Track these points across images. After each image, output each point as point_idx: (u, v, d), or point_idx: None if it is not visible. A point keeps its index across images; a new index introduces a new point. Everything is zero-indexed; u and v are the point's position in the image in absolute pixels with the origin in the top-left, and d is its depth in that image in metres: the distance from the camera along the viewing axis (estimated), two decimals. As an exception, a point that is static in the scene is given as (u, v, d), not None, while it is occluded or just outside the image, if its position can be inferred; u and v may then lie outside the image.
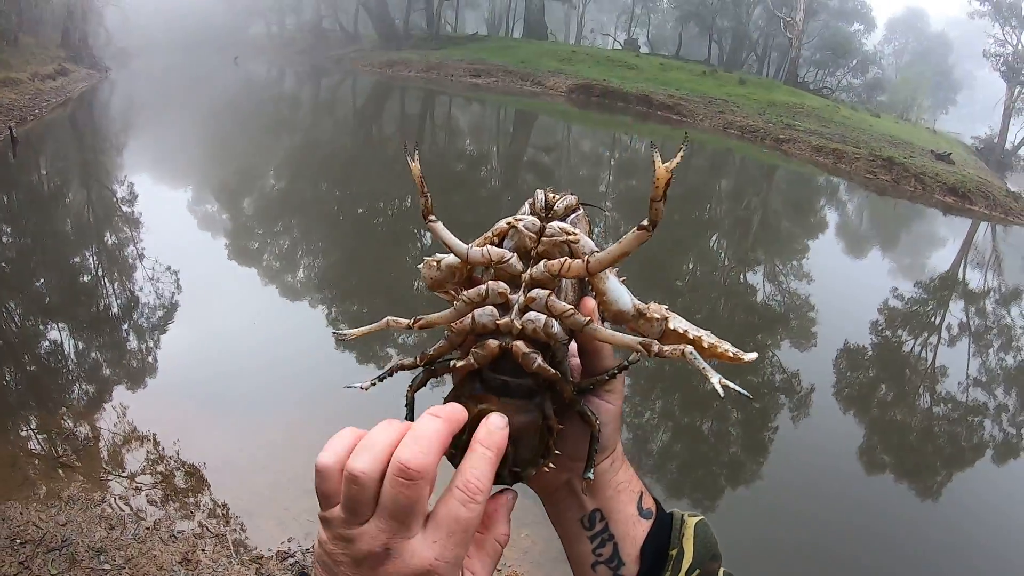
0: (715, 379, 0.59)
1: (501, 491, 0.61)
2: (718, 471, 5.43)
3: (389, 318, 0.71)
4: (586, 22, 57.49)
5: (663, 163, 0.58)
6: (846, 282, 11.66)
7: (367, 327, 0.72)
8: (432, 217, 0.70)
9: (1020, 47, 40.70)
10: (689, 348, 0.60)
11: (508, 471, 0.62)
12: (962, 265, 13.92)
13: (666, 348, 0.61)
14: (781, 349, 7.88)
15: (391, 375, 0.70)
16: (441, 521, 0.51)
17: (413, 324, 0.68)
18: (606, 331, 0.63)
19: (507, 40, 44.25)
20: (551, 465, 0.63)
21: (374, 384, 0.71)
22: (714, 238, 12.68)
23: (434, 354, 0.67)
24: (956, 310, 10.81)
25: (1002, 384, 8.04)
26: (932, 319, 10.13)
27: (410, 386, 0.69)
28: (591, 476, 0.65)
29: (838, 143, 22.73)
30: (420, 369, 0.68)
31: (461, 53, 36.29)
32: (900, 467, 5.91)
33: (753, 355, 0.65)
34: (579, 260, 0.63)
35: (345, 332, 0.75)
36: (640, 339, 0.63)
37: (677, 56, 42.37)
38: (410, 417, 0.68)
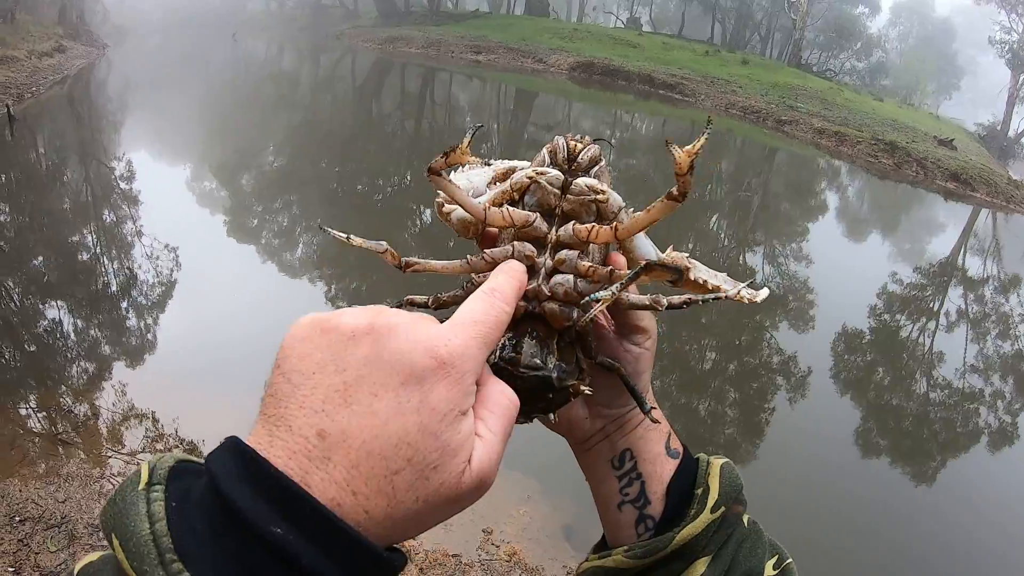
0: (731, 290, 0.63)
1: None
2: (712, 452, 5.46)
3: (389, 248, 0.67)
4: (588, 0, 57.01)
5: (682, 148, 0.58)
6: (845, 265, 11.66)
7: (362, 240, 0.68)
8: (444, 156, 0.61)
9: (1026, 33, 40.42)
10: (698, 295, 0.62)
11: (555, 377, 0.60)
12: (962, 252, 13.92)
13: (675, 299, 0.62)
14: (779, 331, 7.89)
15: (396, 303, 0.63)
16: (458, 316, 0.48)
17: (404, 268, 0.65)
18: (634, 297, 0.63)
19: (508, 17, 43.87)
20: (585, 391, 0.62)
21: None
22: (714, 218, 12.66)
23: (448, 300, 0.64)
24: (955, 296, 10.83)
25: (999, 371, 8.07)
26: (931, 305, 10.15)
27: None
28: (652, 415, 0.66)
29: (840, 126, 22.62)
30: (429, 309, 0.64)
31: (462, 30, 35.97)
32: (895, 451, 5.95)
33: (764, 293, 0.65)
34: (607, 227, 0.61)
35: (334, 231, 0.69)
36: (650, 297, 0.63)
37: (680, 35, 42.01)
38: None
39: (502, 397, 0.48)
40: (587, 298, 0.60)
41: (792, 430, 5.98)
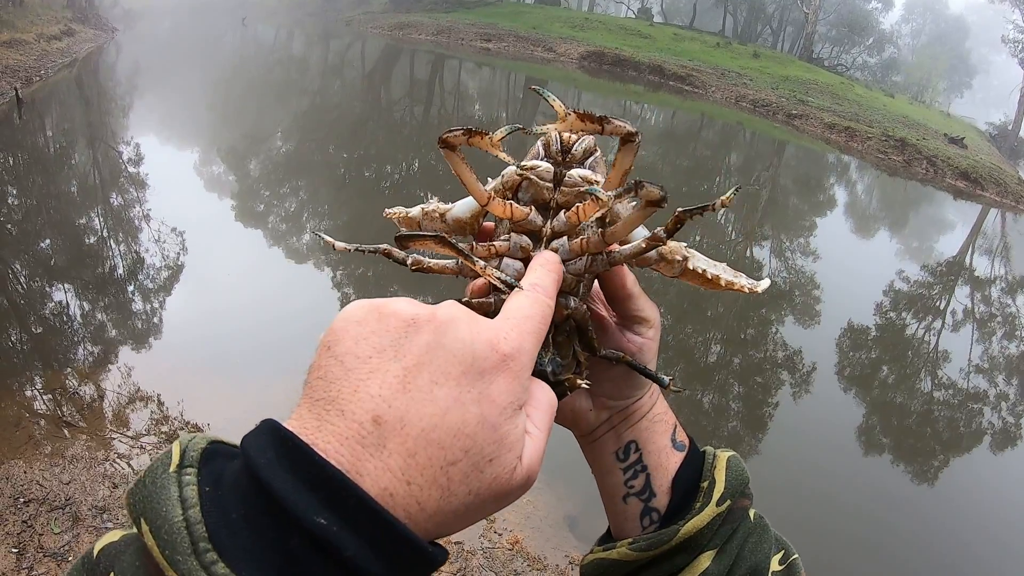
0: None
1: None
2: (717, 446, 5.47)
3: (387, 247, 0.65)
4: (599, -10, 56.70)
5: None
6: (852, 262, 11.63)
7: (359, 245, 0.67)
8: (465, 134, 0.59)
9: (1039, 33, 40.13)
10: (689, 261, 0.62)
11: (550, 372, 0.59)
12: (970, 251, 13.87)
13: (670, 256, 0.62)
14: (784, 325, 7.87)
15: (375, 254, 0.64)
16: (508, 312, 0.48)
17: (412, 266, 0.63)
18: (625, 250, 0.61)
19: (519, 5, 43.65)
20: (584, 384, 0.61)
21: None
22: (722, 211, 12.61)
23: (433, 268, 0.63)
24: (961, 296, 10.79)
25: (1003, 372, 8.05)
26: (937, 303, 10.11)
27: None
28: (668, 385, 0.66)
29: (851, 121, 22.51)
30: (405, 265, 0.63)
31: (472, 17, 35.87)
32: (898, 449, 5.94)
33: (766, 283, 0.64)
34: (591, 201, 0.59)
35: (328, 238, 0.69)
36: (648, 237, 0.60)
37: (691, 27, 41.80)
38: None
39: (544, 395, 0.48)
40: (587, 188, 0.58)
41: (796, 425, 5.98)
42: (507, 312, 0.47)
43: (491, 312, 0.55)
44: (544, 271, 0.54)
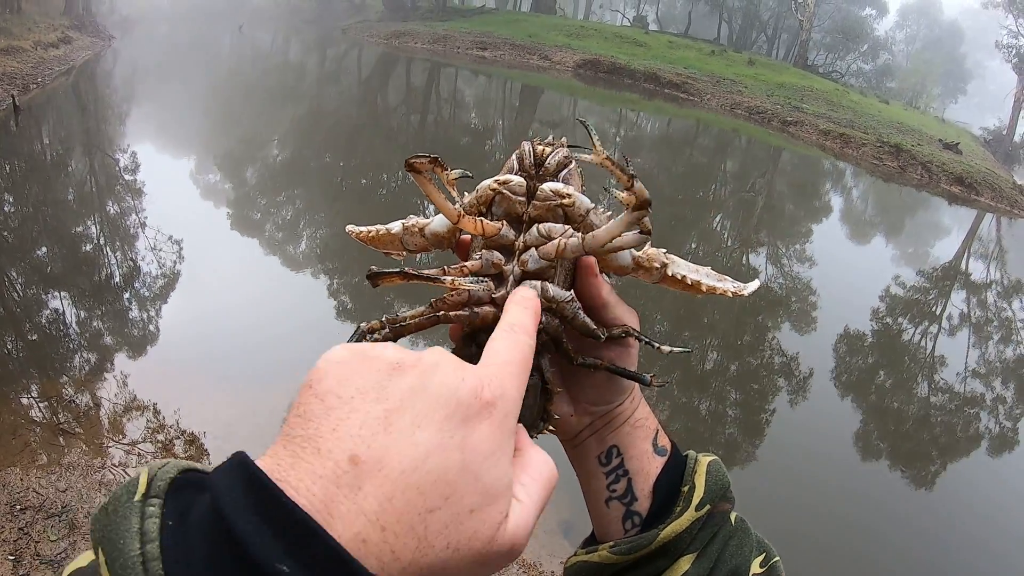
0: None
1: None
2: (714, 452, 5.47)
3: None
4: (595, -2, 56.90)
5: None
6: (848, 267, 11.66)
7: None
8: (431, 162, 0.60)
9: (1033, 38, 40.31)
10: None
11: None
12: (965, 256, 13.90)
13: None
14: (781, 331, 7.89)
15: (359, 338, 0.63)
16: (489, 357, 0.46)
17: (391, 327, 0.62)
18: (602, 233, 0.60)
19: (515, 14, 43.79)
20: (551, 429, 0.63)
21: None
22: (717, 218, 12.65)
23: (407, 321, 0.62)
24: (957, 300, 10.82)
25: (1000, 376, 8.07)
26: (933, 308, 10.13)
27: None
28: (651, 382, 0.66)
29: (846, 128, 22.59)
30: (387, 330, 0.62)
31: (468, 26, 35.95)
32: (895, 454, 5.94)
33: (754, 286, 0.65)
34: (576, 239, 0.60)
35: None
36: (633, 234, 0.60)
37: (686, 34, 41.92)
38: None
39: (544, 467, 0.46)
40: (557, 202, 0.61)
41: (793, 431, 5.98)
42: (489, 356, 0.46)
43: (472, 322, 0.57)
44: (520, 309, 0.54)
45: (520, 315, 0.53)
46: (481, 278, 0.60)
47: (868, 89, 42.18)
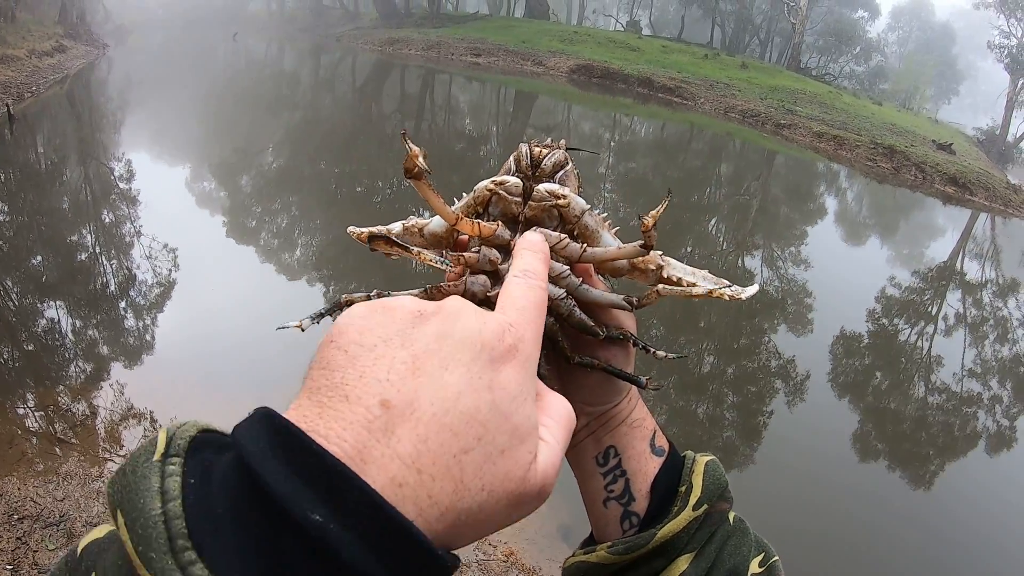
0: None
1: None
2: (707, 453, 5.49)
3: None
4: (588, 3, 57.13)
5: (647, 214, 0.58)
6: (843, 269, 11.67)
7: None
8: (420, 167, 0.59)
9: (1024, 38, 40.54)
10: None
11: None
12: (960, 256, 13.94)
13: (644, 299, 0.63)
14: (777, 334, 7.90)
15: (338, 311, 0.63)
16: (506, 302, 0.47)
17: (416, 255, 0.64)
18: (596, 292, 0.63)
19: (508, 20, 43.91)
20: None
21: (315, 322, 0.66)
22: (712, 222, 12.67)
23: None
24: (953, 301, 10.85)
25: (997, 375, 8.08)
26: (929, 309, 10.16)
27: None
28: (646, 385, 0.67)
29: (839, 130, 22.66)
30: None
31: (462, 32, 36.03)
32: (894, 455, 5.95)
33: (752, 290, 0.65)
34: (576, 244, 0.61)
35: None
36: (622, 297, 0.63)
37: (679, 39, 42.08)
38: None
39: (564, 409, 0.46)
40: (553, 203, 0.62)
41: (790, 433, 5.98)
42: (505, 303, 0.47)
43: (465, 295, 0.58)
44: (530, 255, 0.54)
45: (531, 260, 0.53)
46: (442, 259, 0.62)
47: (861, 91, 42.33)
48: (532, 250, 0.55)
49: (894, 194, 18.82)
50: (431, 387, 0.37)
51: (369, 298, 0.61)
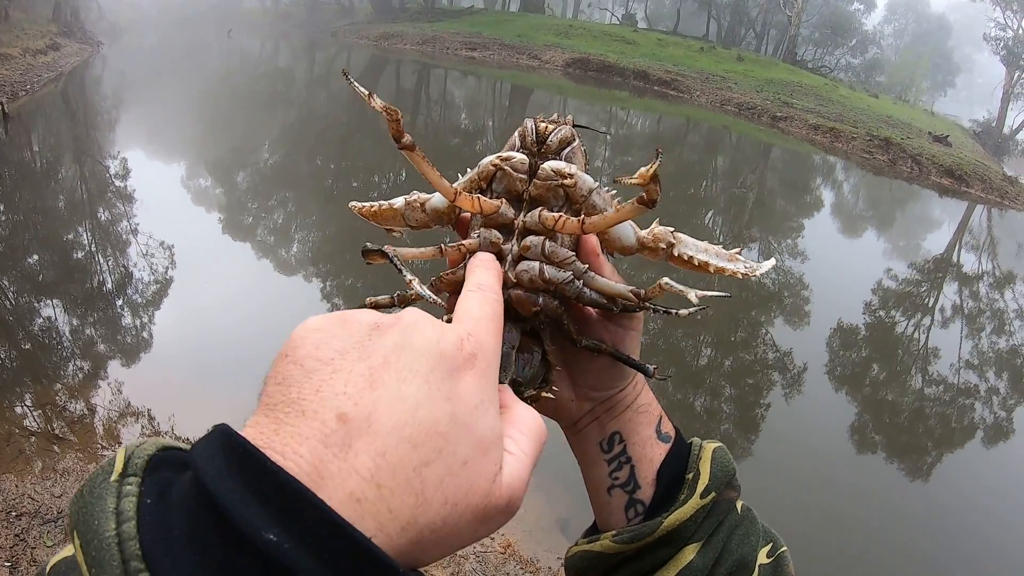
0: (691, 294, 0.60)
1: None
2: (719, 442, 5.50)
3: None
4: (584, -3, 56.89)
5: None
6: (840, 261, 11.69)
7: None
8: (407, 139, 0.57)
9: (1020, 31, 40.57)
10: (665, 280, 0.60)
11: (511, 381, 0.59)
12: (957, 247, 13.96)
13: (650, 292, 0.61)
14: (774, 327, 7.90)
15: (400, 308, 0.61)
16: (462, 313, 0.46)
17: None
18: (602, 281, 0.61)
19: (504, 13, 43.75)
20: (554, 390, 0.62)
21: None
22: (709, 215, 12.67)
23: (414, 297, 0.62)
24: (949, 292, 10.86)
25: (993, 367, 8.10)
26: (926, 301, 10.18)
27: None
28: (653, 374, 0.66)
29: (835, 122, 22.66)
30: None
31: (457, 26, 35.91)
32: (891, 446, 5.97)
33: (769, 264, 0.63)
34: (574, 220, 0.59)
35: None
36: (629, 289, 0.61)
37: (675, 32, 41.97)
38: None
39: (533, 422, 0.45)
40: (560, 182, 0.60)
41: (788, 426, 5.99)
42: (462, 315, 0.46)
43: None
44: (482, 270, 0.54)
45: (483, 275, 0.53)
46: (428, 293, 0.60)
47: (857, 83, 42.33)
48: (484, 267, 0.55)
49: (890, 186, 18.83)
50: (389, 399, 0.36)
51: (392, 300, 0.62)
